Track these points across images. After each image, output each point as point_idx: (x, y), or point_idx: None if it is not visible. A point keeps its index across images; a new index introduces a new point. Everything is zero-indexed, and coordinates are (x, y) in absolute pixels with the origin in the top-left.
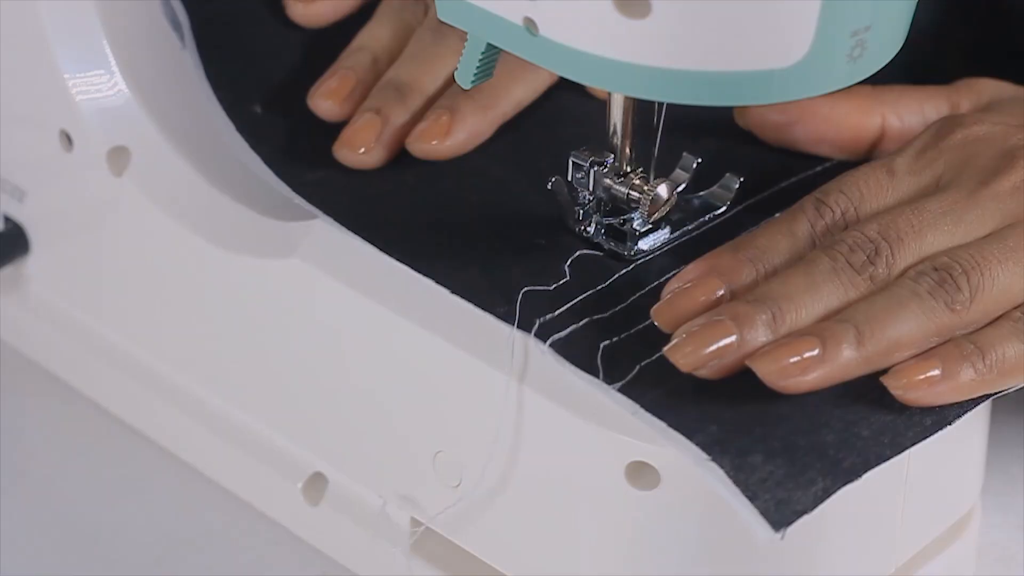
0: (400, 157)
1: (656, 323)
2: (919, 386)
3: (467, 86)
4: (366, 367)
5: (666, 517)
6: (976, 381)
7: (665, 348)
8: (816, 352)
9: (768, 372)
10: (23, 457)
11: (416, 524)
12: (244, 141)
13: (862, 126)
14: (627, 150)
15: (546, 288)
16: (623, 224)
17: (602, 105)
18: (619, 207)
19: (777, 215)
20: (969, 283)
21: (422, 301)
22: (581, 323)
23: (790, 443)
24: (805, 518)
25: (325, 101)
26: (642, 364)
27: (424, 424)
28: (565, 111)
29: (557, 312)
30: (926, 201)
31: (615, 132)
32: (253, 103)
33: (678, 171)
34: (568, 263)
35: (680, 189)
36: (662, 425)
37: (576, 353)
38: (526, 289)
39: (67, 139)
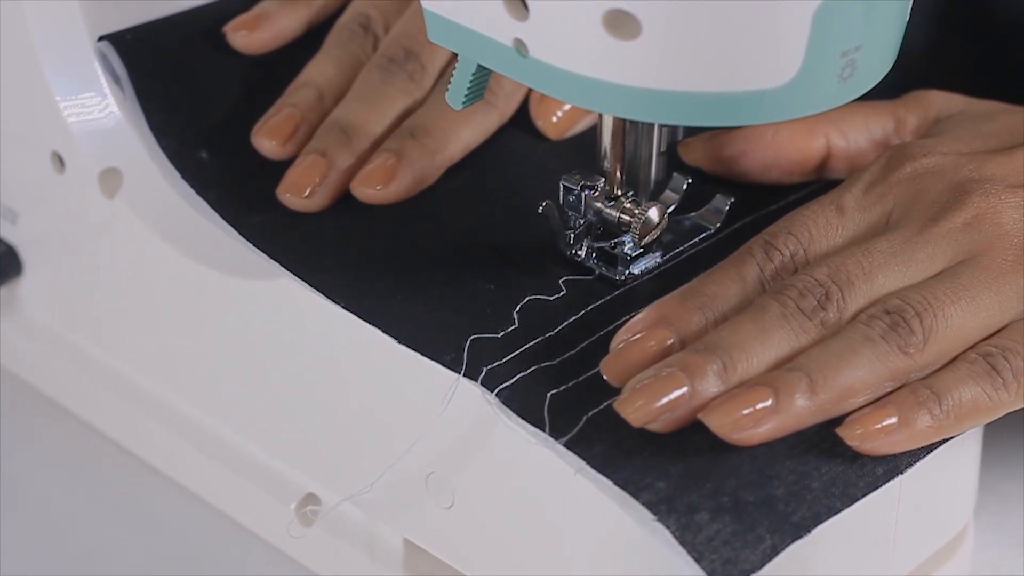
0: (348, 197)
1: (605, 377)
2: (875, 435)
3: (458, 107)
4: (359, 388)
5: (620, 571)
6: (932, 428)
7: (615, 402)
8: (769, 403)
9: (721, 425)
10: (15, 478)
11: (409, 545)
12: (191, 188)
13: (807, 148)
14: (617, 173)
15: (494, 336)
16: (614, 247)
17: (553, 145)
18: (610, 230)
19: (726, 259)
20: (922, 325)
21: None
22: (529, 370)
23: (738, 499)
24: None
25: (268, 141)
26: (589, 415)
27: (417, 445)
28: (514, 152)
29: (504, 359)
30: (875, 241)
31: (605, 155)
32: (199, 150)
33: (668, 192)
34: (517, 309)
35: (671, 210)
36: (607, 483)
37: (524, 403)
38: (473, 337)
39: (59, 161)
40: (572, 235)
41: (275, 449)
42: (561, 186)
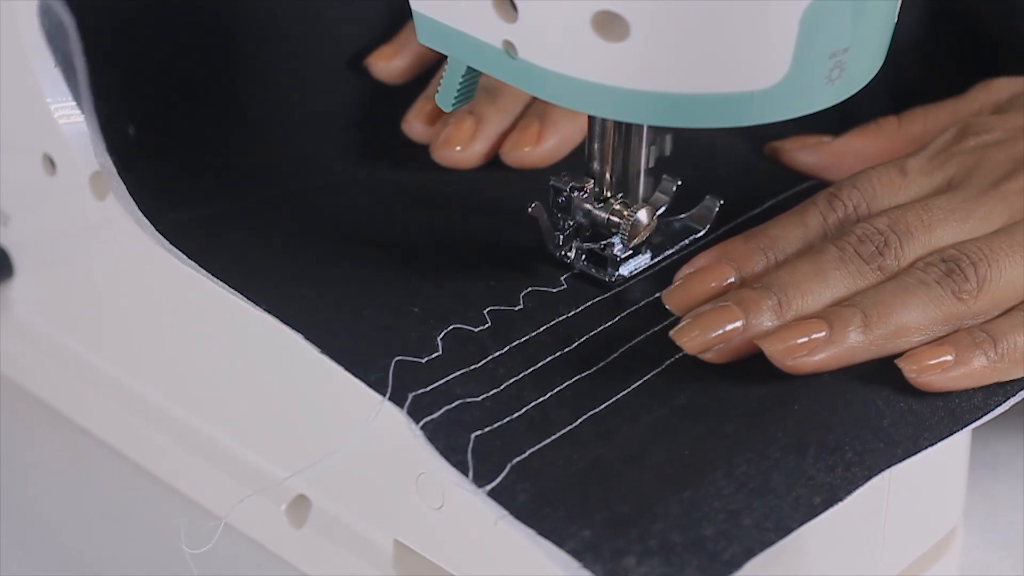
0: (274, 204)
1: (667, 306)
2: (932, 370)
3: (448, 109)
4: (348, 391)
5: None
6: (987, 368)
7: (672, 331)
8: (823, 334)
9: (775, 351)
10: (8, 481)
11: (400, 546)
12: (112, 163)
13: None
14: (607, 175)
15: (418, 360)
16: (604, 249)
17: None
18: (600, 232)
19: (790, 209)
20: (976, 274)
21: None
22: (454, 404)
23: (666, 541)
24: (786, 539)
25: (418, 123)
26: (513, 463)
27: (406, 446)
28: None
29: (430, 387)
30: (936, 199)
31: (594, 156)
32: (129, 123)
33: (658, 194)
34: (441, 336)
35: (660, 212)
36: (532, 533)
37: (448, 439)
38: (398, 359)
39: (50, 163)
40: (561, 236)
41: (266, 451)
42: (550, 187)
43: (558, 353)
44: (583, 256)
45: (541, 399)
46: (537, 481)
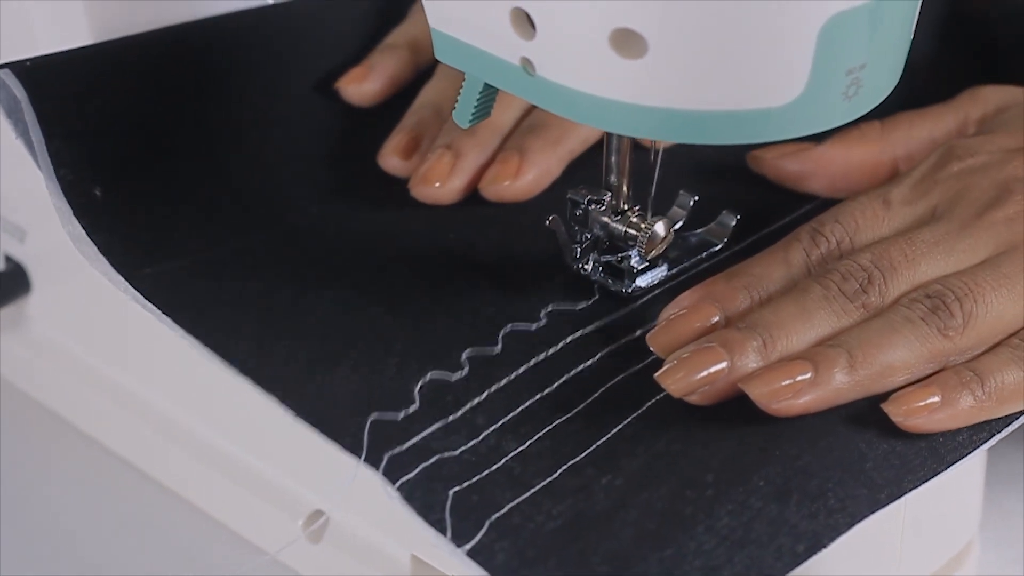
0: (249, 251)
1: (651, 348)
2: (919, 413)
3: (465, 126)
4: None
5: None
6: (975, 408)
7: (657, 374)
8: (808, 375)
9: (760, 395)
10: (23, 495)
11: (417, 560)
12: (80, 227)
13: (875, 169)
14: (624, 188)
15: (393, 417)
16: (621, 261)
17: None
18: (617, 245)
19: (773, 245)
20: (962, 309)
21: None
22: (432, 460)
23: None
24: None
25: (393, 158)
26: (492, 520)
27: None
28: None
29: (407, 445)
30: (919, 231)
31: (612, 170)
32: (94, 185)
33: (675, 208)
34: (419, 387)
35: (677, 227)
36: None
37: (425, 498)
38: (373, 418)
39: None
40: (579, 249)
41: (282, 465)
42: (568, 200)
43: (538, 396)
44: (600, 269)
45: (520, 448)
46: (516, 539)
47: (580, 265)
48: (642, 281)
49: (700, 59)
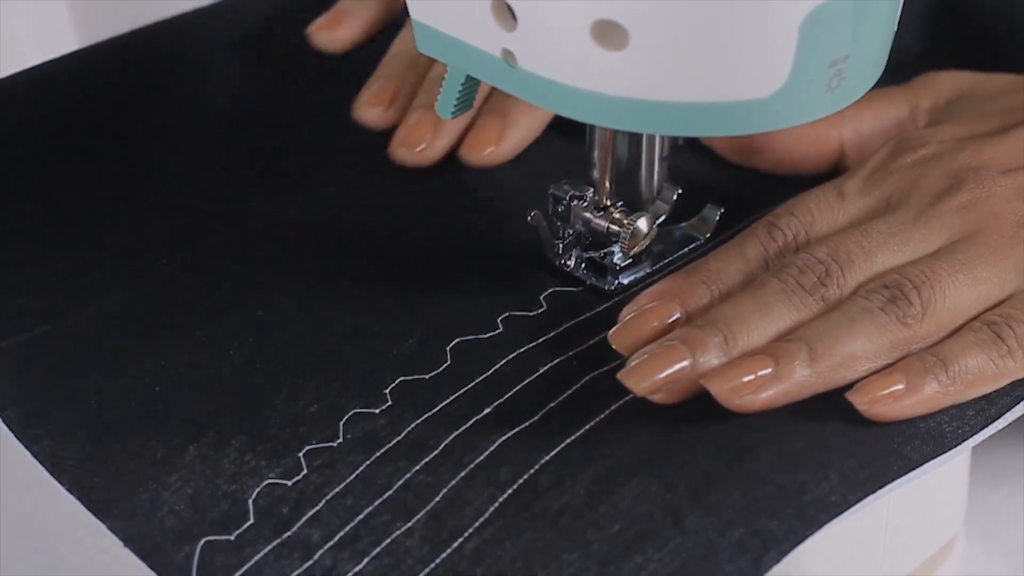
0: (96, 319)
1: (613, 346)
2: (883, 400)
3: (447, 117)
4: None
5: None
6: (940, 394)
7: (619, 373)
8: (769, 371)
9: (721, 391)
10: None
11: None
12: None
13: (821, 143)
14: (607, 183)
15: (227, 538)
16: (603, 258)
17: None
18: (600, 240)
19: (730, 240)
20: (920, 297)
21: None
22: None
23: None
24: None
25: (371, 108)
26: None
27: None
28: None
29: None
30: (875, 223)
31: (594, 165)
32: None
33: (658, 203)
34: (253, 498)
35: (660, 221)
36: None
37: None
38: (203, 543)
39: None
40: (561, 245)
41: None
42: (550, 196)
43: (377, 502)
44: (583, 265)
45: (357, 568)
46: None
47: (562, 261)
48: (625, 278)
49: (682, 51)
